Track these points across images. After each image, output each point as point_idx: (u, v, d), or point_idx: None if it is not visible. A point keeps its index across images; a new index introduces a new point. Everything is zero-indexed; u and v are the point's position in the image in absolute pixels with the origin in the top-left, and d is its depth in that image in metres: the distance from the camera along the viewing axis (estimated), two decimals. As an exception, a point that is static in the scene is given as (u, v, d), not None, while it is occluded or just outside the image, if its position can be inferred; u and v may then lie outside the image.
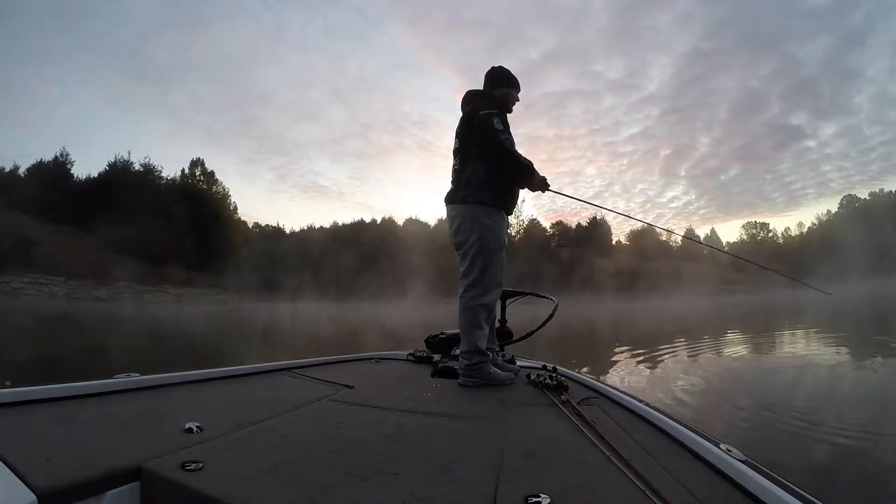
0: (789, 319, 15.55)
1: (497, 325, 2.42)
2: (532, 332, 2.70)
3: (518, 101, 2.29)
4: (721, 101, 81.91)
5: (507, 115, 2.21)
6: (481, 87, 2.27)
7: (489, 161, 2.06)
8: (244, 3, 76.57)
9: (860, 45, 75.80)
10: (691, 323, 15.82)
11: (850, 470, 2.83)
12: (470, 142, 2.10)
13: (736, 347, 9.29)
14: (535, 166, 2.13)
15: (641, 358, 7.91)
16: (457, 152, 2.15)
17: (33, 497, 0.74)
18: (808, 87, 72.32)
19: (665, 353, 8.35)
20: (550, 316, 2.67)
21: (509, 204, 2.17)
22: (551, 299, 2.78)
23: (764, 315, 18.26)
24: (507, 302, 2.61)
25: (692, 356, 8.09)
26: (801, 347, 8.97)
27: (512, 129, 2.12)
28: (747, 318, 17.33)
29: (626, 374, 6.68)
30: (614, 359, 8.05)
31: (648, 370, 6.94)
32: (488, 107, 2.10)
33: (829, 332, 10.96)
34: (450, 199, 2.15)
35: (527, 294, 2.75)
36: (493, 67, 2.29)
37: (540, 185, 2.16)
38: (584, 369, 6.69)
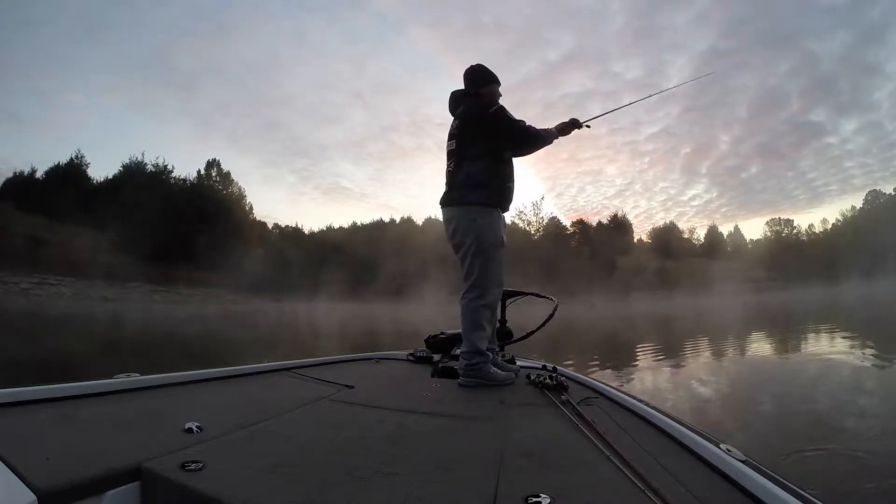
0: (835, 321, 14.37)
1: (497, 325, 2.42)
2: (532, 332, 2.69)
3: (500, 96, 2.28)
4: (740, 99, 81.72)
5: None
6: (471, 89, 2.25)
7: (486, 160, 2.06)
8: (266, 10, 78.05)
9: (878, 41, 74.86)
10: (735, 324, 14.78)
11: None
12: (467, 142, 2.09)
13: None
14: (558, 126, 2.27)
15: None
16: (451, 154, 2.13)
17: (33, 497, 0.74)
18: (827, 84, 71.32)
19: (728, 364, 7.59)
20: (550, 316, 2.66)
21: (504, 201, 2.16)
22: (551, 299, 2.77)
23: (805, 316, 17.10)
24: (507, 302, 2.60)
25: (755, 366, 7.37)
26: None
27: None
28: (786, 320, 16.34)
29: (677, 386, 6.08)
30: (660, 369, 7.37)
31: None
32: (490, 104, 2.10)
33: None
34: (445, 202, 2.14)
35: (527, 294, 2.73)
36: (472, 67, 2.27)
37: (573, 125, 2.31)
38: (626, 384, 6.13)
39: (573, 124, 2.32)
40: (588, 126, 2.38)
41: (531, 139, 2.13)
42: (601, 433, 1.19)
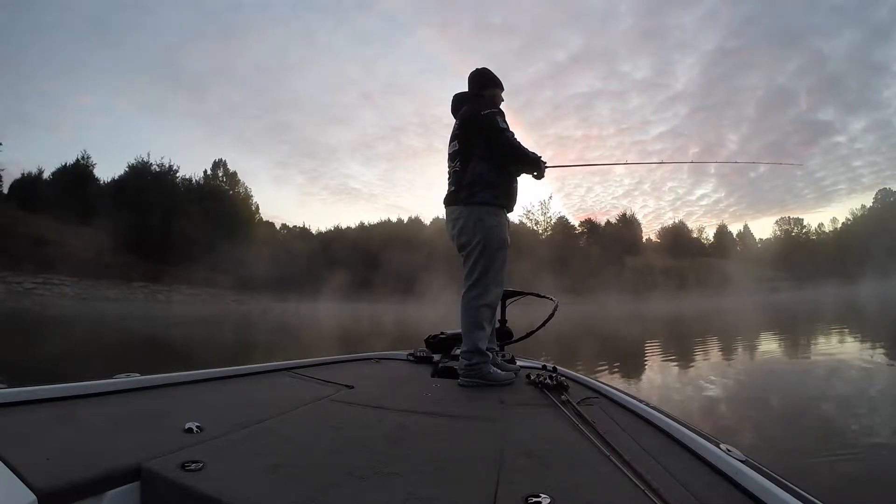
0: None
1: (497, 325, 2.42)
2: (532, 332, 2.70)
3: (503, 101, 2.29)
4: (748, 98, 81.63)
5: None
6: (474, 91, 2.27)
7: (493, 161, 2.08)
8: (275, 12, 78.57)
9: (886, 40, 74.25)
10: (762, 327, 13.94)
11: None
12: (471, 142, 2.11)
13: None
14: (538, 155, 2.18)
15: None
16: (456, 154, 2.15)
17: (33, 497, 0.74)
18: (835, 83, 71.05)
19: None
20: (550, 316, 2.66)
21: (510, 202, 2.18)
22: (551, 299, 2.78)
23: (832, 317, 16.04)
24: (508, 302, 2.60)
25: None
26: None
27: (540, 131, 2.21)
28: (816, 321, 15.41)
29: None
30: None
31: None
32: (487, 107, 2.12)
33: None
34: (450, 201, 2.16)
35: (527, 294, 2.74)
36: (476, 70, 2.29)
37: (543, 170, 2.23)
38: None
39: (543, 167, 2.23)
40: (548, 167, 2.28)
41: (512, 151, 2.10)
42: (601, 433, 1.19)
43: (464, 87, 2.30)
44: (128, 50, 67.05)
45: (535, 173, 2.23)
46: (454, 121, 2.24)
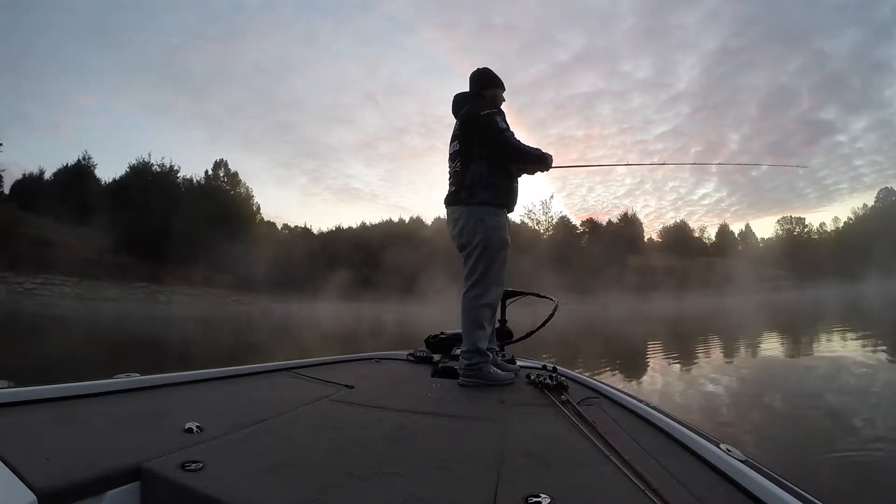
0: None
1: (497, 324, 2.42)
2: (532, 332, 2.70)
3: (504, 101, 2.29)
4: (750, 97, 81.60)
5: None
6: (475, 91, 2.27)
7: (493, 161, 2.08)
8: (277, 13, 78.85)
9: (888, 39, 74.96)
10: (775, 329, 13.68)
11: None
12: (471, 143, 2.11)
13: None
14: (542, 150, 2.17)
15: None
16: (456, 154, 2.15)
17: (33, 497, 0.74)
18: (837, 82, 71.33)
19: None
20: (550, 316, 2.67)
21: (511, 202, 2.18)
22: (551, 299, 2.78)
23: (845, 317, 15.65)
24: (508, 302, 2.60)
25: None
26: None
27: (542, 131, 2.19)
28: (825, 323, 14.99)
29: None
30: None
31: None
32: (487, 107, 2.12)
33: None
34: (451, 201, 2.16)
35: (527, 294, 2.74)
36: (477, 69, 2.29)
37: (550, 164, 2.23)
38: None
39: (550, 161, 2.23)
40: (554, 166, 2.27)
41: (511, 151, 2.10)
42: (601, 433, 1.19)
43: (465, 88, 2.30)
44: (129, 50, 67.78)
45: (542, 168, 2.23)
46: (455, 121, 2.25)
